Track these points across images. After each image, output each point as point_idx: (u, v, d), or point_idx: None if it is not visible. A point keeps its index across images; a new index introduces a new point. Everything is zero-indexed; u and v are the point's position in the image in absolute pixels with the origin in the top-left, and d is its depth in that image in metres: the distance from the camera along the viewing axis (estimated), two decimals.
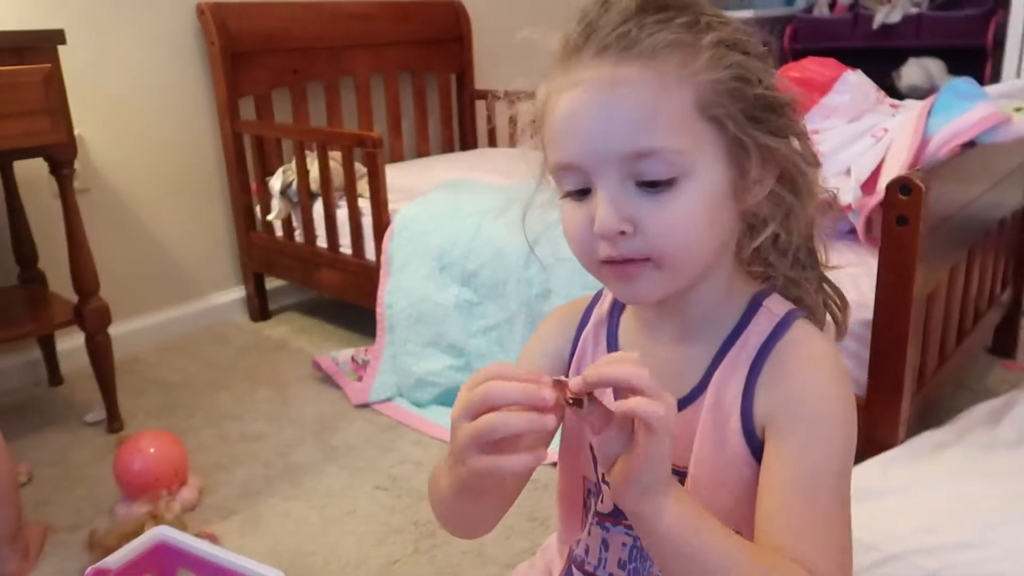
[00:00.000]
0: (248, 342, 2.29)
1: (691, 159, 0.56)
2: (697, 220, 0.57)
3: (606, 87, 0.56)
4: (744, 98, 0.58)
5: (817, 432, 0.58)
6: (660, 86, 0.55)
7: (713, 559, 0.53)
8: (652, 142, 0.55)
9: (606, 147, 0.56)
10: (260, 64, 2.30)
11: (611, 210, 0.56)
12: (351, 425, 1.80)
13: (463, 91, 2.89)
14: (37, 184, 1.98)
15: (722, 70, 0.57)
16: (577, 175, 0.59)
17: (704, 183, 0.57)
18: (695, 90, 0.56)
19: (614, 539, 0.68)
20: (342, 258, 2.13)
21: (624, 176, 0.57)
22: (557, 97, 0.59)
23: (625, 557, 0.68)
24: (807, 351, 0.62)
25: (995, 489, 1.19)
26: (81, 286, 1.75)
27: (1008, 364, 1.95)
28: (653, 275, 0.58)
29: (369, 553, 1.37)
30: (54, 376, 2.06)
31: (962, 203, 1.40)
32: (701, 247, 0.59)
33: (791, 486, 0.57)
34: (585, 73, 0.57)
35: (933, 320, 1.39)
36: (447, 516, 0.68)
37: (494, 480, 0.58)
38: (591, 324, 0.71)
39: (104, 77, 2.11)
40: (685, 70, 0.56)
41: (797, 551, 0.55)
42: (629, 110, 0.55)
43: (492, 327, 1.82)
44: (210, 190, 2.38)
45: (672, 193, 0.56)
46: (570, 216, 0.60)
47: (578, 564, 0.72)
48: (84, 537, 1.41)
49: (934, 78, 3.40)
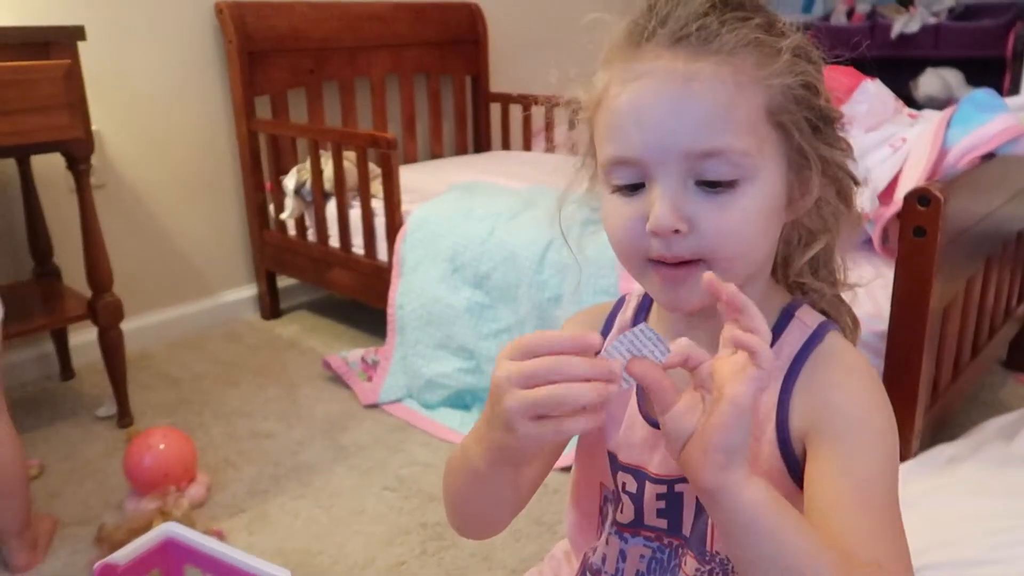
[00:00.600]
0: (259, 340, 2.30)
1: (755, 163, 0.55)
2: (753, 225, 0.56)
3: (679, 80, 0.54)
4: (811, 107, 0.57)
5: (865, 438, 0.57)
6: (736, 85, 0.54)
7: (793, 539, 0.49)
8: (721, 142, 0.54)
9: (673, 143, 0.54)
10: (277, 63, 2.31)
11: (669, 207, 0.54)
12: (360, 425, 1.80)
13: (478, 93, 2.89)
14: (54, 179, 1.99)
15: (794, 76, 0.56)
16: (634, 170, 0.56)
17: (764, 188, 0.56)
18: (767, 93, 0.55)
19: (632, 551, 0.67)
20: (354, 258, 2.13)
21: (685, 174, 0.55)
22: (620, 87, 0.56)
23: (644, 569, 0.67)
24: (844, 361, 0.60)
25: (1010, 506, 1.17)
26: (95, 281, 1.76)
27: (1022, 378, 1.93)
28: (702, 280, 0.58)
29: (377, 554, 1.37)
30: (66, 370, 2.07)
31: (980, 215, 1.39)
32: (753, 253, 0.58)
33: (848, 491, 0.54)
34: (655, 64, 0.55)
35: (948, 333, 1.38)
36: (463, 506, 0.66)
37: (536, 448, 0.57)
38: (614, 332, 0.70)
39: (122, 74, 2.12)
40: (760, 72, 0.55)
41: (863, 554, 0.52)
42: (702, 106, 0.54)
43: (503, 330, 1.82)
44: (224, 188, 2.39)
45: (732, 195, 0.55)
46: (618, 212, 0.58)
47: (594, 572, 0.71)
48: (93, 531, 1.41)
49: (952, 88, 3.38)
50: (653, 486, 0.64)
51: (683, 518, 0.64)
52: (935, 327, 1.28)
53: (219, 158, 2.36)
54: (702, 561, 0.63)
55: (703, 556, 0.62)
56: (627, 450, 0.66)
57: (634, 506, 0.65)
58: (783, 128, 0.57)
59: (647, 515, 0.65)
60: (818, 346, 0.61)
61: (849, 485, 0.54)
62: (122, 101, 2.13)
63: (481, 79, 2.86)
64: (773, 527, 0.49)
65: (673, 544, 0.65)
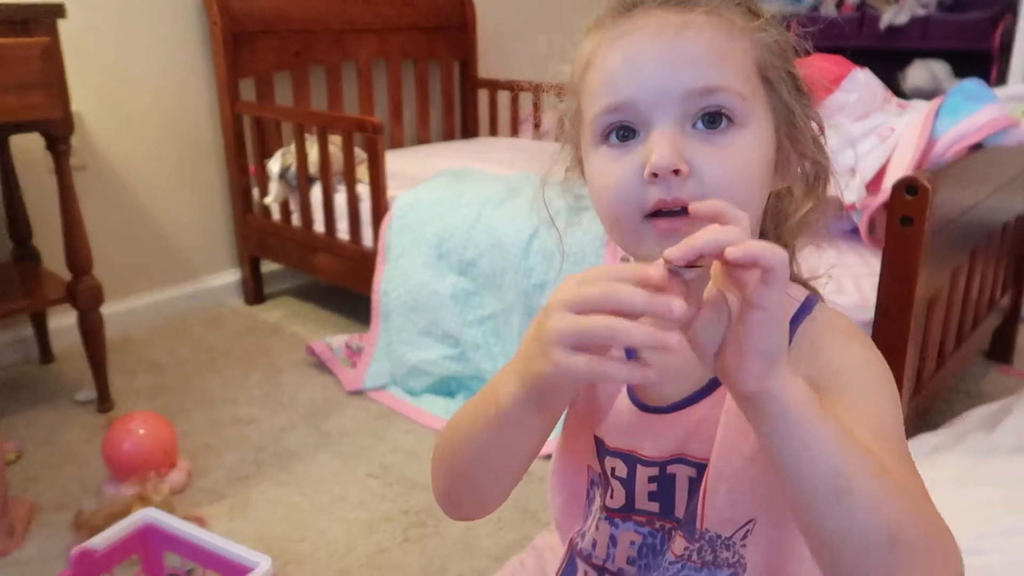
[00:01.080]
0: (242, 325, 2.28)
1: (751, 108, 0.55)
2: (750, 173, 0.56)
3: (671, 29, 0.55)
4: (791, 73, 0.59)
5: (867, 387, 0.56)
6: (727, 34, 0.55)
7: (840, 439, 0.46)
8: (721, 79, 0.54)
9: (673, 82, 0.54)
10: (262, 45, 2.28)
11: (669, 147, 0.53)
12: (344, 412, 1.79)
13: (466, 79, 2.86)
14: (33, 159, 1.96)
15: (777, 35, 0.58)
16: (629, 115, 0.56)
17: (759, 137, 0.56)
18: (754, 45, 0.56)
19: (623, 536, 0.66)
20: (339, 243, 2.11)
21: (683, 117, 0.54)
22: (610, 44, 0.57)
23: (634, 554, 0.66)
24: (838, 326, 0.60)
25: (992, 496, 1.18)
26: (75, 264, 1.73)
27: (1005, 369, 1.94)
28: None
29: (358, 541, 1.36)
30: (45, 354, 2.04)
31: (967, 206, 1.39)
32: (750, 203, 0.56)
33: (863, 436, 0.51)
34: (647, 19, 0.56)
35: (933, 323, 1.38)
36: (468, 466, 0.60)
37: (569, 387, 0.54)
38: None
39: (104, 54, 2.09)
40: (749, 25, 0.56)
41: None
42: (698, 49, 0.54)
43: (488, 317, 1.81)
44: (208, 171, 2.36)
45: (730, 137, 0.55)
46: (611, 166, 0.57)
47: (584, 557, 0.70)
48: (71, 517, 1.40)
49: (939, 80, 3.39)
50: (645, 469, 0.63)
51: (675, 500, 0.63)
52: (921, 317, 1.28)
53: (203, 141, 2.33)
54: (691, 540, 0.62)
55: (692, 535, 0.62)
56: (615, 435, 0.65)
57: (625, 491, 0.65)
58: (770, 83, 0.57)
59: (638, 499, 0.65)
60: (807, 316, 0.60)
61: (863, 433, 0.52)
62: (104, 81, 2.09)
63: (469, 65, 2.84)
64: (819, 428, 0.46)
65: (665, 528, 0.64)
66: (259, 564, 0.94)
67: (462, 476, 0.62)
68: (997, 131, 1.38)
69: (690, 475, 0.62)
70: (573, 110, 0.62)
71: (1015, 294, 1.92)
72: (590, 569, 0.69)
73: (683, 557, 0.63)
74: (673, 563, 0.63)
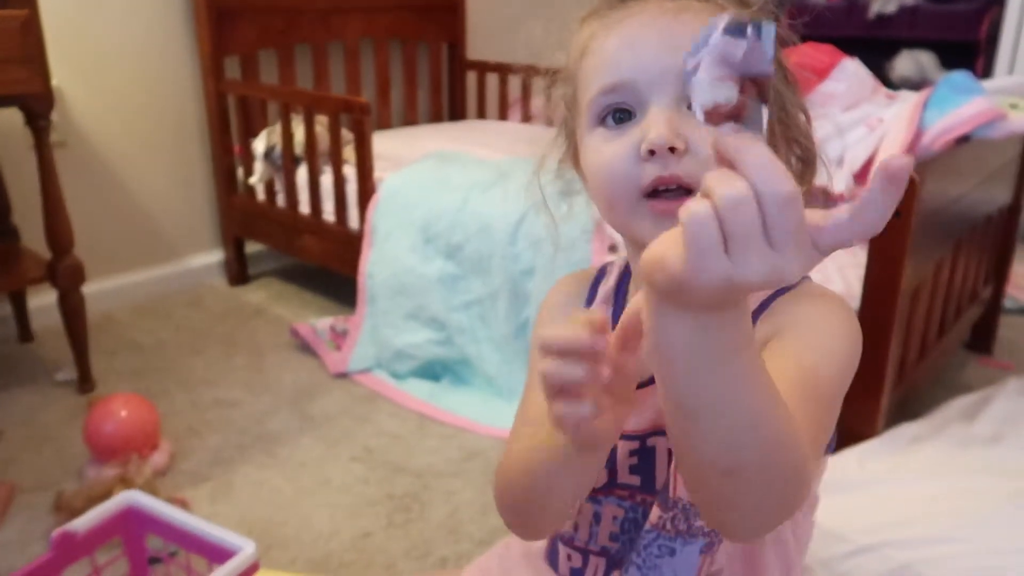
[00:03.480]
0: (225, 307, 2.26)
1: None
2: None
3: (668, 14, 0.56)
4: (780, 60, 0.59)
5: (820, 331, 0.56)
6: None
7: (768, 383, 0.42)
8: None
9: (671, 61, 0.54)
10: (247, 22, 2.24)
11: (666, 124, 0.54)
12: (328, 395, 1.78)
13: (454, 61, 2.84)
14: (12, 136, 1.92)
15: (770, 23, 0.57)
16: (626, 96, 0.56)
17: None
18: None
19: (606, 511, 0.67)
20: (325, 225, 2.09)
21: (679, 97, 0.55)
22: (607, 31, 0.58)
23: (617, 530, 0.67)
24: (817, 291, 0.61)
25: (970, 485, 1.20)
26: (55, 242, 1.70)
27: (985, 360, 1.96)
28: None
29: (342, 525, 1.36)
30: (24, 333, 2.01)
31: (953, 197, 1.40)
32: None
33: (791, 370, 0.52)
34: (642, 6, 0.57)
35: (917, 314, 1.39)
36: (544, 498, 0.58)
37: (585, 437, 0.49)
38: (598, 300, 0.69)
39: (85, 28, 2.04)
40: (744, 10, 0.57)
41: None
42: (694, 30, 0.54)
43: (475, 302, 1.80)
44: (191, 149, 2.33)
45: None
46: (607, 147, 0.57)
47: (566, 541, 0.70)
48: (51, 498, 1.38)
49: (926, 71, 3.40)
50: (626, 443, 0.64)
51: (656, 473, 0.64)
52: (905, 308, 1.29)
53: (186, 119, 2.29)
54: (665, 508, 0.63)
55: (666, 503, 0.63)
56: None
57: (607, 468, 0.65)
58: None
59: (620, 473, 0.65)
60: (789, 290, 0.60)
61: (792, 366, 0.52)
62: (85, 56, 2.06)
63: (458, 47, 2.81)
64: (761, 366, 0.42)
65: (646, 502, 0.65)
66: (243, 548, 0.93)
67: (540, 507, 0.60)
68: (984, 124, 1.38)
69: (670, 447, 0.62)
70: (569, 97, 0.63)
71: (996, 285, 1.94)
72: (573, 552, 0.70)
73: (658, 526, 0.63)
74: (648, 532, 0.64)
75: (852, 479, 1.23)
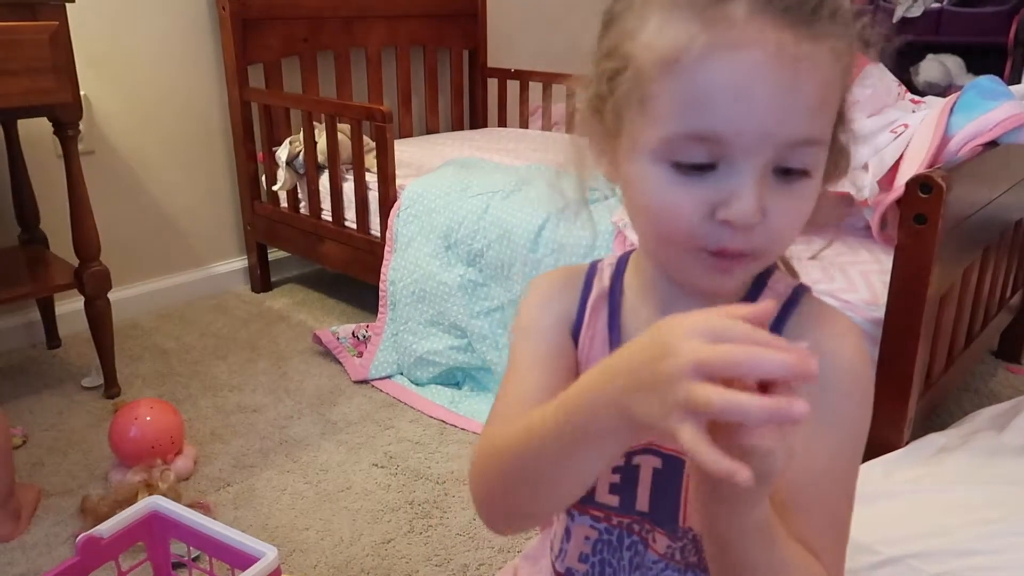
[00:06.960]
0: (249, 313, 2.28)
1: (824, 155, 0.53)
2: (805, 217, 0.53)
3: (788, 60, 0.47)
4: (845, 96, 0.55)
5: (839, 412, 0.55)
6: (831, 66, 0.49)
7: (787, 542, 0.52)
8: (820, 131, 0.50)
9: (777, 129, 0.48)
10: (271, 31, 2.26)
11: (755, 199, 0.49)
12: (350, 401, 1.79)
13: (475, 68, 2.85)
14: (41, 144, 1.95)
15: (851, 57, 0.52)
16: (711, 149, 0.49)
17: (817, 179, 0.53)
18: (844, 74, 0.51)
19: (577, 530, 0.65)
20: (347, 232, 2.11)
21: (771, 162, 0.50)
22: (710, 52, 0.48)
23: (588, 551, 0.65)
24: (828, 320, 0.59)
25: (999, 497, 1.17)
26: (82, 249, 1.73)
27: (1013, 368, 1.93)
28: (750, 267, 0.54)
29: (363, 530, 1.36)
30: (52, 339, 2.04)
31: (980, 203, 1.38)
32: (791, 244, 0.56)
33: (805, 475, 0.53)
34: (760, 36, 0.47)
35: (944, 321, 1.37)
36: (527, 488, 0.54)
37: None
38: (593, 297, 0.65)
39: (112, 39, 2.08)
40: (850, 59, 0.51)
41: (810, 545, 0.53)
42: (811, 92, 0.49)
43: (496, 308, 1.80)
44: (216, 157, 2.35)
45: (802, 187, 0.51)
46: (673, 192, 0.51)
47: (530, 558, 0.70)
48: (77, 502, 1.40)
49: (952, 75, 3.36)
50: None
51: (637, 494, 0.62)
52: (931, 315, 1.27)
53: (211, 127, 2.32)
54: (674, 538, 0.61)
55: (675, 533, 0.61)
56: None
57: None
58: (841, 116, 0.54)
59: (599, 490, 0.63)
60: (795, 311, 0.59)
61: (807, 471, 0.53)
62: (112, 66, 2.09)
63: (479, 54, 2.82)
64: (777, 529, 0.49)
65: (623, 524, 0.63)
66: (265, 554, 0.94)
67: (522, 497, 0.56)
68: (1012, 129, 1.36)
69: (655, 466, 0.61)
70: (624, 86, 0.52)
71: None
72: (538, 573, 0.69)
73: (666, 556, 0.62)
74: (656, 562, 0.62)
75: (878, 489, 1.21)
